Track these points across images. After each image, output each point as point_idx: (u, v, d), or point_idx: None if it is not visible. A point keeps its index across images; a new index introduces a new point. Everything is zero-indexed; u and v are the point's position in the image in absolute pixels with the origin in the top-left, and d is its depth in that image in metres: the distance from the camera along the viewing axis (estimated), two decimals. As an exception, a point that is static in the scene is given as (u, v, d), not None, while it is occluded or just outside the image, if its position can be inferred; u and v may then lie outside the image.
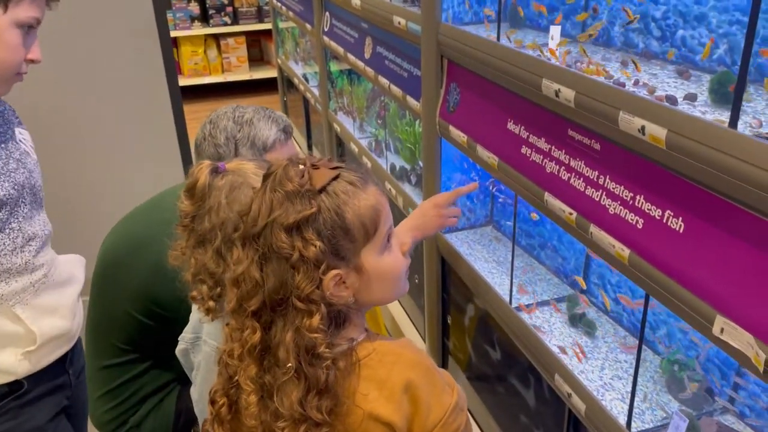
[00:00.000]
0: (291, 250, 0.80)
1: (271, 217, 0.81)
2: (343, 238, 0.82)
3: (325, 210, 0.82)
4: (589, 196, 1.16)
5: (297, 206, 0.81)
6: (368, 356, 0.85)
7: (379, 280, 0.86)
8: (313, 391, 0.80)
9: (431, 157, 1.84)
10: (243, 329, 0.84)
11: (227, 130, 1.38)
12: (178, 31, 5.23)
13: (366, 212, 0.84)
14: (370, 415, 0.82)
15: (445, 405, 0.84)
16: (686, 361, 1.23)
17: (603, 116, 1.06)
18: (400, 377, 0.83)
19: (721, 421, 1.16)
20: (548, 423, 1.48)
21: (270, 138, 1.37)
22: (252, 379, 0.83)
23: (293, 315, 0.81)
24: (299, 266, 0.80)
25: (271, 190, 0.83)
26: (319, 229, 0.81)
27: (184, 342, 1.15)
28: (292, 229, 0.80)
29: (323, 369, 0.81)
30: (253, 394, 0.83)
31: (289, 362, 0.80)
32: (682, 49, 1.11)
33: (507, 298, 1.59)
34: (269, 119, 1.40)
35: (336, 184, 0.83)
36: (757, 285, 0.85)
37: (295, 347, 0.80)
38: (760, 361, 0.83)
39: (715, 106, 0.96)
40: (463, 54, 1.55)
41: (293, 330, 0.81)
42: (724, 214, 0.90)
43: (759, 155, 0.80)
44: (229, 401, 0.88)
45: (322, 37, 2.86)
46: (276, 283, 0.81)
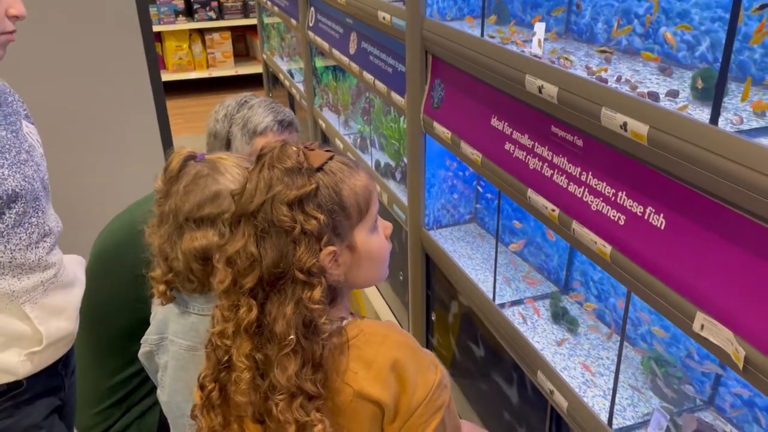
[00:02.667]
0: (293, 224, 0.82)
1: (270, 193, 0.83)
2: (340, 214, 0.85)
3: (323, 186, 0.84)
4: (572, 193, 1.16)
5: (297, 182, 0.83)
6: (356, 336, 0.87)
7: (368, 259, 0.89)
8: (308, 364, 0.83)
9: (416, 153, 1.83)
10: (238, 307, 0.85)
11: (228, 108, 1.43)
12: (162, 25, 5.18)
13: (360, 191, 0.87)
14: (359, 394, 0.84)
15: (429, 383, 0.86)
16: (667, 358, 1.24)
17: (585, 112, 1.06)
18: (387, 357, 0.85)
19: (701, 417, 1.16)
20: (531, 420, 1.48)
21: (262, 124, 1.39)
22: (246, 356, 0.85)
23: (294, 288, 0.83)
24: (301, 239, 0.82)
25: (269, 167, 0.85)
26: (320, 203, 0.84)
27: (147, 344, 1.14)
28: (293, 203, 0.82)
29: (319, 343, 0.83)
30: (246, 371, 0.85)
31: (291, 335, 0.82)
32: (665, 45, 1.11)
33: (490, 295, 1.58)
34: (269, 109, 1.42)
35: (332, 164, 0.86)
36: (738, 281, 0.85)
37: (295, 320, 0.82)
38: (740, 357, 0.84)
39: (696, 103, 0.96)
40: (447, 50, 1.54)
41: (294, 303, 0.82)
42: (705, 211, 0.90)
43: (739, 152, 0.80)
44: (219, 385, 0.89)
45: (307, 32, 2.84)
46: (275, 257, 0.82)
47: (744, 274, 0.84)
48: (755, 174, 0.78)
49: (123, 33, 2.40)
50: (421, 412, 0.85)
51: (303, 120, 3.37)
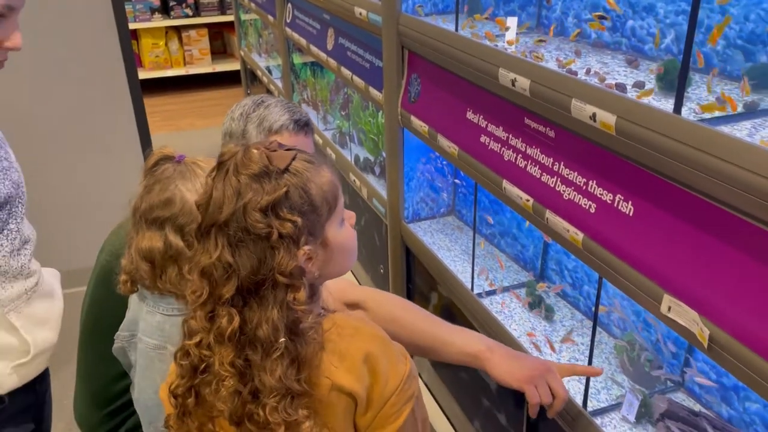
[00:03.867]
0: (269, 230, 0.82)
1: (241, 201, 0.82)
2: (312, 213, 0.85)
3: (293, 188, 0.84)
4: (545, 183, 1.19)
5: (267, 187, 0.82)
6: (329, 330, 0.88)
7: (340, 252, 0.90)
8: (294, 364, 0.83)
9: (394, 147, 1.85)
10: (215, 317, 0.85)
11: (245, 107, 1.42)
12: (138, 23, 5.12)
13: (327, 187, 0.87)
14: (333, 386, 0.85)
15: (400, 373, 0.88)
16: (639, 342, 1.28)
17: (557, 104, 1.09)
18: (360, 349, 0.87)
19: (672, 398, 1.20)
20: (509, 405, 1.51)
21: (278, 122, 1.38)
22: (230, 364, 0.84)
23: (276, 293, 0.83)
24: (278, 244, 0.82)
25: (235, 174, 0.84)
26: (293, 206, 0.84)
27: (119, 340, 1.14)
28: (266, 209, 0.82)
29: (303, 342, 0.84)
30: (230, 379, 0.84)
31: (280, 338, 0.82)
32: (632, 39, 1.14)
33: (469, 285, 1.61)
34: (286, 108, 1.42)
35: (296, 164, 0.86)
36: (702, 264, 0.89)
37: (282, 324, 0.82)
38: (705, 336, 0.87)
39: (662, 94, 0.99)
40: (423, 45, 1.56)
41: (278, 307, 0.83)
42: (670, 197, 0.93)
43: (701, 140, 0.83)
44: (195, 391, 0.89)
45: (284, 28, 2.84)
46: (254, 265, 0.82)
47: (708, 257, 0.88)
48: (716, 160, 0.82)
49: (99, 31, 2.38)
50: (393, 401, 0.87)
51: (282, 116, 3.37)
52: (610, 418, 1.22)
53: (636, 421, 1.19)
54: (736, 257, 0.84)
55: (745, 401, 1.12)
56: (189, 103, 5.30)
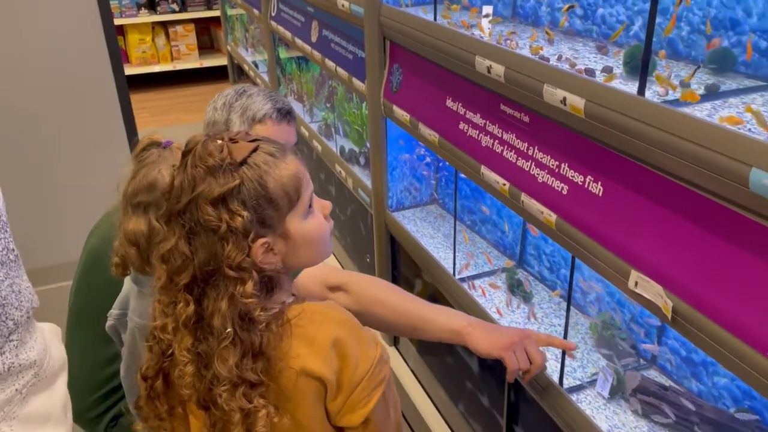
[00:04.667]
0: (219, 222, 0.83)
1: (195, 192, 0.84)
2: (268, 206, 0.86)
3: (248, 181, 0.84)
4: (520, 167, 1.23)
5: (220, 180, 0.83)
6: (298, 316, 0.89)
7: (304, 244, 0.90)
8: (248, 354, 0.84)
9: (377, 137, 1.88)
10: (176, 303, 0.87)
11: (227, 96, 1.44)
12: (125, 18, 5.12)
13: (288, 180, 0.87)
14: (302, 371, 0.87)
15: (371, 358, 0.89)
16: (613, 322, 1.32)
17: (530, 89, 1.12)
18: (328, 334, 0.88)
19: (644, 374, 1.25)
20: (491, 386, 1.55)
21: (261, 111, 1.40)
22: (188, 350, 0.86)
23: (226, 284, 0.84)
24: (228, 237, 0.83)
25: (192, 166, 0.85)
26: (244, 199, 0.84)
27: (111, 318, 1.17)
28: (217, 202, 0.83)
29: (257, 333, 0.85)
30: (189, 365, 0.86)
31: (228, 328, 0.84)
32: (602, 26, 1.18)
33: (451, 271, 1.65)
34: (268, 97, 1.43)
35: (256, 156, 0.86)
36: (665, 239, 0.93)
37: (230, 314, 0.84)
38: (668, 309, 0.91)
39: (628, 77, 1.03)
40: (403, 35, 1.59)
41: (228, 298, 0.84)
42: (636, 177, 0.97)
43: (664, 120, 0.87)
44: (163, 374, 0.91)
45: (269, 22, 2.86)
46: (206, 255, 0.84)
47: (670, 233, 0.92)
48: (678, 140, 0.85)
49: (84, 27, 2.38)
50: (364, 386, 0.88)
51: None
52: (586, 394, 1.26)
53: (609, 397, 1.23)
54: (697, 232, 0.88)
55: (713, 376, 1.17)
56: (177, 98, 5.30)
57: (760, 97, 0.90)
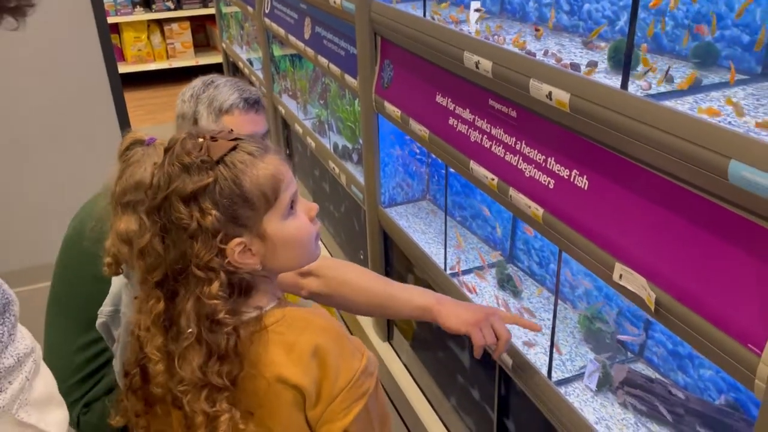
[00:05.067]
0: (189, 220, 0.82)
1: (169, 188, 0.84)
2: (242, 206, 0.84)
3: (222, 179, 0.83)
4: (508, 162, 1.24)
5: (194, 177, 0.83)
6: (277, 322, 0.88)
7: (284, 246, 0.88)
8: (214, 356, 0.83)
9: (369, 133, 1.89)
10: (149, 300, 0.87)
11: (194, 88, 1.44)
12: (120, 16, 5.12)
13: (265, 181, 0.86)
14: (277, 378, 0.85)
15: (353, 369, 0.87)
16: (600, 316, 1.33)
17: (516, 84, 1.13)
18: (309, 342, 0.86)
19: (631, 367, 1.26)
20: (482, 379, 1.56)
21: (227, 102, 1.40)
22: (158, 348, 0.86)
23: (194, 283, 0.84)
24: (197, 235, 0.83)
25: (170, 164, 0.85)
26: (216, 198, 0.83)
27: (102, 315, 1.18)
28: (189, 199, 0.83)
29: (223, 335, 0.83)
30: (160, 363, 0.86)
31: (189, 328, 0.83)
32: (589, 21, 1.19)
33: (442, 266, 1.66)
34: (235, 87, 1.43)
35: (234, 155, 0.85)
36: (647, 232, 0.93)
37: (195, 314, 0.83)
38: (652, 301, 0.92)
39: (612, 72, 1.04)
40: (393, 31, 1.60)
41: (194, 298, 0.83)
42: (620, 170, 0.98)
43: (645, 113, 0.88)
44: (141, 371, 0.91)
45: (263, 19, 2.87)
46: (176, 253, 0.84)
47: (653, 225, 0.93)
48: (659, 132, 0.86)
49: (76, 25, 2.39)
50: (343, 397, 0.86)
51: (263, 107, 3.40)
52: (574, 387, 1.27)
53: (597, 390, 1.24)
54: (679, 225, 0.89)
55: (699, 368, 1.18)
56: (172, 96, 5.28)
57: (742, 91, 0.91)
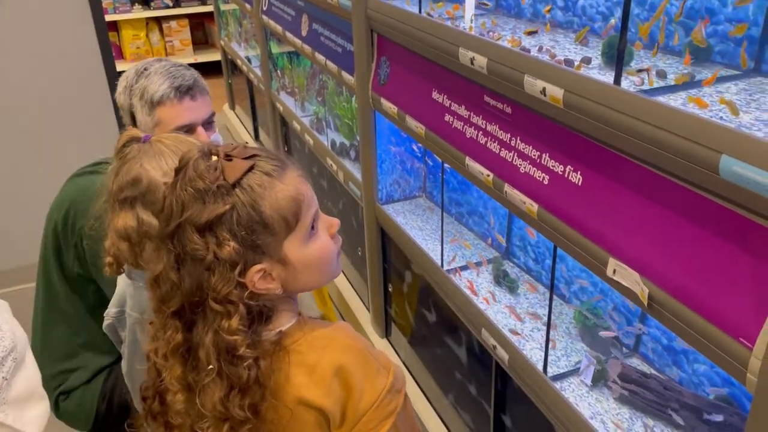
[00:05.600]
0: (205, 251, 0.77)
1: (183, 216, 0.78)
2: (263, 232, 0.79)
3: (241, 206, 0.78)
4: (503, 158, 1.24)
5: (209, 205, 0.77)
6: (297, 342, 0.84)
7: (306, 269, 0.84)
8: (235, 389, 0.79)
9: (366, 130, 1.89)
10: (165, 329, 0.82)
11: (128, 78, 1.34)
12: (118, 14, 5.11)
13: (285, 204, 0.80)
14: (299, 401, 0.82)
15: (378, 388, 0.83)
16: (596, 311, 1.33)
17: (511, 80, 1.13)
18: (331, 362, 0.82)
19: (626, 362, 1.26)
20: (479, 375, 1.57)
21: (158, 93, 1.30)
22: (177, 379, 0.82)
23: (211, 317, 0.79)
24: (214, 267, 0.78)
25: (182, 188, 0.79)
26: (234, 227, 0.78)
27: (109, 317, 1.18)
28: (204, 229, 0.77)
29: (245, 368, 0.79)
30: (179, 393, 0.82)
31: (210, 364, 0.78)
32: (583, 17, 1.19)
33: (439, 262, 1.66)
34: (166, 74, 1.32)
35: (251, 176, 0.79)
36: (640, 227, 0.94)
37: (215, 349, 0.79)
38: (645, 295, 0.93)
39: (606, 68, 1.04)
40: (390, 27, 1.60)
41: (212, 332, 0.79)
42: (613, 165, 0.98)
43: (637, 108, 0.88)
44: (160, 397, 0.87)
45: (261, 16, 2.87)
46: (192, 285, 0.79)
47: (646, 220, 0.93)
48: (651, 128, 0.86)
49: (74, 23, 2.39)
50: (369, 417, 0.82)
51: (262, 105, 3.40)
52: (569, 382, 1.27)
53: (592, 385, 1.25)
54: (671, 220, 0.89)
55: (693, 363, 1.18)
56: (171, 94, 5.29)
57: (734, 86, 0.91)
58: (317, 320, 0.90)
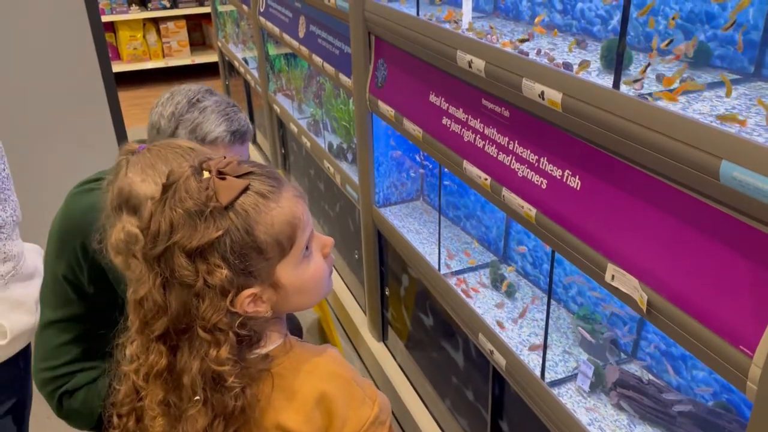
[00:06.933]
0: (194, 277, 0.74)
1: (171, 239, 0.74)
2: (256, 258, 0.76)
3: (234, 231, 0.74)
4: (501, 162, 1.23)
5: (200, 228, 0.73)
6: (282, 365, 0.81)
7: (297, 291, 0.81)
8: (219, 418, 0.76)
9: (364, 132, 1.88)
10: (148, 352, 0.79)
11: (178, 105, 1.33)
12: (115, 15, 5.10)
13: (280, 228, 0.77)
14: (278, 426, 0.79)
15: (362, 419, 0.81)
16: (593, 317, 1.32)
17: (509, 84, 1.12)
18: (313, 389, 0.80)
19: (624, 368, 1.25)
20: (475, 380, 1.56)
21: (212, 133, 1.30)
22: (158, 403, 0.79)
23: (198, 344, 0.75)
24: (204, 294, 0.74)
25: (171, 207, 0.75)
26: (227, 253, 0.74)
27: None
28: (194, 254, 0.73)
29: (231, 397, 0.76)
30: (159, 418, 0.79)
31: (197, 395, 0.75)
32: (582, 21, 1.18)
33: (436, 266, 1.65)
34: (224, 116, 1.32)
35: (245, 198, 0.75)
36: (639, 233, 0.93)
37: (201, 378, 0.75)
38: (644, 302, 0.92)
39: (605, 71, 1.03)
40: (387, 30, 1.59)
41: (199, 360, 0.75)
42: (612, 170, 0.97)
43: (636, 112, 0.87)
44: (135, 414, 0.84)
45: (258, 18, 2.86)
46: (179, 310, 0.75)
47: (645, 226, 0.92)
48: (651, 132, 0.85)
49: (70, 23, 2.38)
50: None
51: (259, 107, 3.39)
52: (567, 388, 1.26)
53: (590, 391, 1.24)
54: (671, 225, 0.88)
55: (692, 369, 1.17)
56: (168, 95, 5.29)
57: (734, 91, 0.90)
58: (304, 343, 0.87)
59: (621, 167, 0.95)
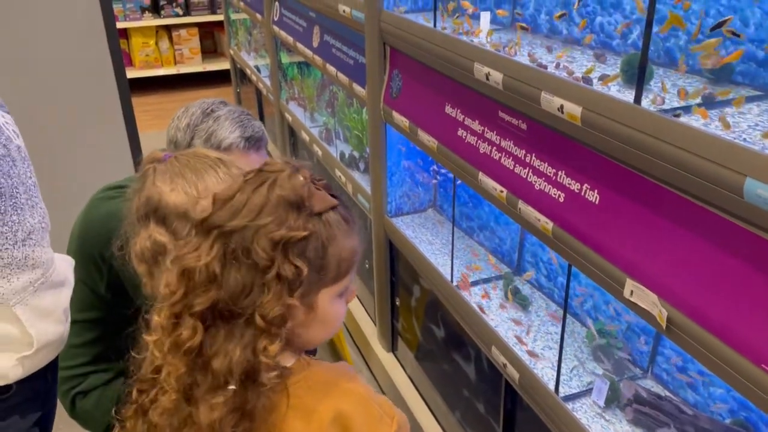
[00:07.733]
0: (269, 263, 0.74)
1: (258, 220, 0.74)
2: (317, 271, 0.77)
3: (316, 237, 0.76)
4: (518, 174, 1.23)
5: (290, 221, 0.75)
6: (297, 383, 0.80)
7: (321, 322, 0.82)
8: (237, 412, 0.75)
9: (377, 143, 1.88)
10: (179, 324, 0.77)
11: (193, 117, 1.34)
12: (128, 22, 5.14)
13: (346, 254, 0.79)
14: None
15: None
16: (610, 331, 1.31)
17: (527, 97, 1.12)
18: (330, 408, 0.79)
19: (640, 384, 1.24)
20: (487, 393, 1.55)
21: (226, 140, 1.31)
22: (177, 379, 0.77)
23: (248, 331, 0.75)
24: (272, 283, 0.74)
25: (269, 188, 0.76)
26: (306, 254, 0.75)
27: None
28: (278, 243, 0.74)
29: (256, 394, 0.76)
30: (173, 393, 0.78)
31: (231, 384, 0.74)
32: (601, 34, 1.18)
33: (449, 277, 1.65)
34: (237, 123, 1.33)
35: (332, 215, 0.78)
36: (660, 248, 0.92)
37: (239, 367, 0.74)
38: (663, 318, 0.91)
39: (625, 86, 1.03)
40: (403, 40, 1.59)
41: (243, 347, 0.74)
42: (632, 185, 0.97)
43: (659, 128, 0.87)
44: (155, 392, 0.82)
45: (272, 26, 2.87)
46: (238, 290, 0.74)
47: (665, 241, 0.91)
48: (673, 148, 0.85)
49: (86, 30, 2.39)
50: None
51: (271, 115, 3.40)
52: (581, 403, 1.25)
53: (605, 406, 1.23)
54: (692, 242, 0.88)
55: (709, 387, 1.16)
56: (179, 101, 5.28)
57: (757, 107, 0.90)
58: (319, 361, 0.87)
59: (641, 182, 0.94)
